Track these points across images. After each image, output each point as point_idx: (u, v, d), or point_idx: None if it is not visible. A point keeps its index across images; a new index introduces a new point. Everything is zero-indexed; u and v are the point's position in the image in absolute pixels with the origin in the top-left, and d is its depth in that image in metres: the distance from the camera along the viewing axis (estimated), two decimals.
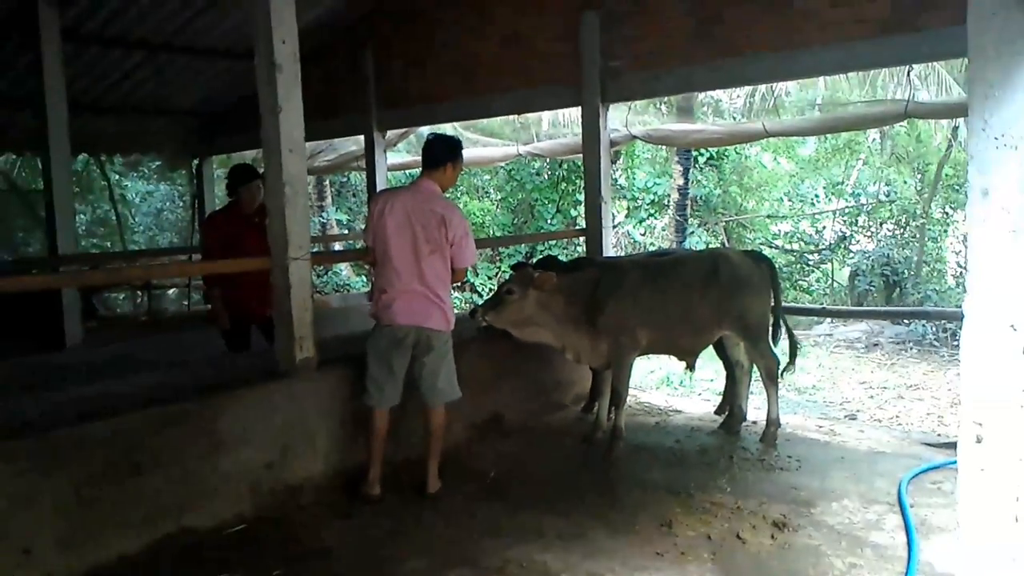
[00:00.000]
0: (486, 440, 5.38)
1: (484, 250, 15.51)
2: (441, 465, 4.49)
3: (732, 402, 5.68)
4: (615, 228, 13.71)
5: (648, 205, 15.45)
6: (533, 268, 5.11)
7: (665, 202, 15.04)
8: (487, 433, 5.46)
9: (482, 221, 16.18)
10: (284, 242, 4.33)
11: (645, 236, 15.50)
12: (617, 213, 15.18)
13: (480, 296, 14.49)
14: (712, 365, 8.06)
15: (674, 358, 5.85)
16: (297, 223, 4.37)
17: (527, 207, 16.20)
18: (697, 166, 15.23)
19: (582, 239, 7.39)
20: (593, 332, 5.06)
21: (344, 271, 15.76)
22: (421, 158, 4.52)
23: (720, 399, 6.11)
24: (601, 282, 5.08)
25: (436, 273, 4.32)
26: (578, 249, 13.22)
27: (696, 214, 15.59)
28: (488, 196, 17.40)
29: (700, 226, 15.68)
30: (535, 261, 5.73)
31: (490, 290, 14.06)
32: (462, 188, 16.69)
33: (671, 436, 5.51)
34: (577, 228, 12.44)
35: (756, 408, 5.82)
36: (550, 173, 15.75)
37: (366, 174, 8.84)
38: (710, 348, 5.64)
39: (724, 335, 5.39)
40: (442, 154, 4.46)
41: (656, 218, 15.53)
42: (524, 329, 5.03)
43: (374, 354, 4.35)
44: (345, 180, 16.94)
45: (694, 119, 13.12)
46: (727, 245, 14.87)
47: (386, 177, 8.68)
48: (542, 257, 6.03)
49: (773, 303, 5.46)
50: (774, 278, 5.51)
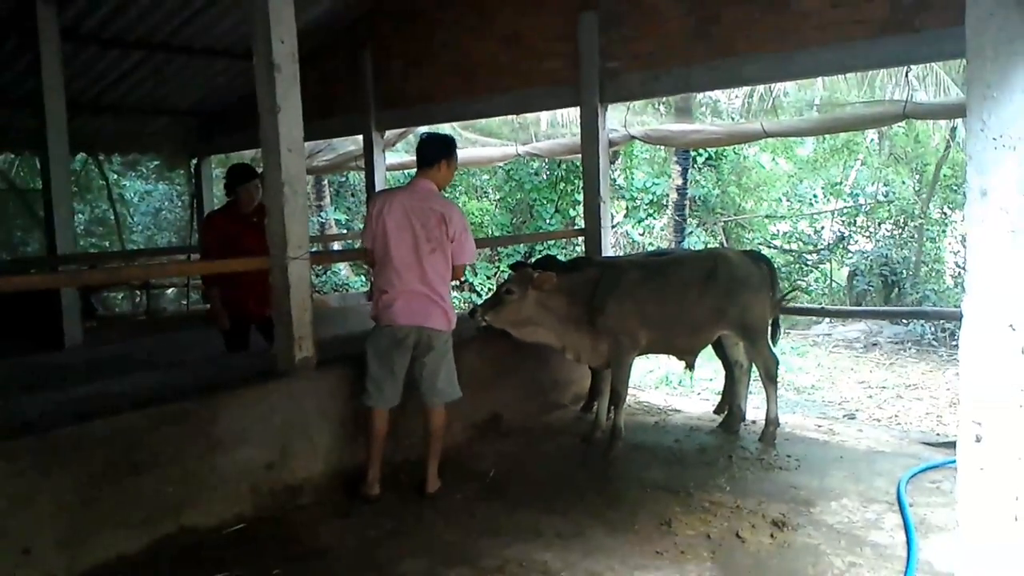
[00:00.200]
0: (485, 440, 5.38)
1: (483, 250, 15.51)
2: (440, 465, 4.50)
3: (731, 401, 5.68)
4: (614, 228, 13.70)
5: (647, 205, 15.45)
6: (532, 268, 5.11)
7: (664, 202, 15.05)
8: (486, 433, 5.47)
9: (481, 221, 16.17)
10: (283, 242, 4.34)
11: (644, 236, 15.49)
12: (616, 213, 15.18)
13: (479, 296, 14.49)
14: (711, 364, 8.07)
15: (673, 358, 5.86)
16: (296, 223, 4.38)
17: (526, 207, 16.19)
18: (696, 166, 15.23)
19: (581, 239, 7.38)
20: (592, 332, 5.07)
21: (343, 271, 15.75)
22: (416, 158, 4.51)
23: (719, 398, 6.12)
24: (600, 282, 5.08)
25: (437, 272, 4.33)
26: (577, 249, 13.21)
27: (695, 214, 15.59)
28: (487, 196, 17.39)
29: (699, 226, 15.69)
30: (534, 261, 5.73)
31: (489, 290, 14.06)
32: (460, 188, 16.69)
33: (670, 435, 5.51)
34: (576, 228, 12.44)
35: (755, 407, 5.83)
36: (549, 173, 15.74)
37: (365, 174, 8.85)
38: (709, 348, 5.65)
39: (723, 335, 5.40)
40: (436, 152, 4.46)
41: (655, 218, 15.53)
42: (523, 329, 5.04)
43: (374, 354, 4.35)
44: (344, 180, 16.93)
45: (692, 119, 13.11)
46: (726, 245, 14.87)
47: (385, 177, 8.69)
48: (541, 257, 6.03)
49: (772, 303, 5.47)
50: (773, 278, 5.52)
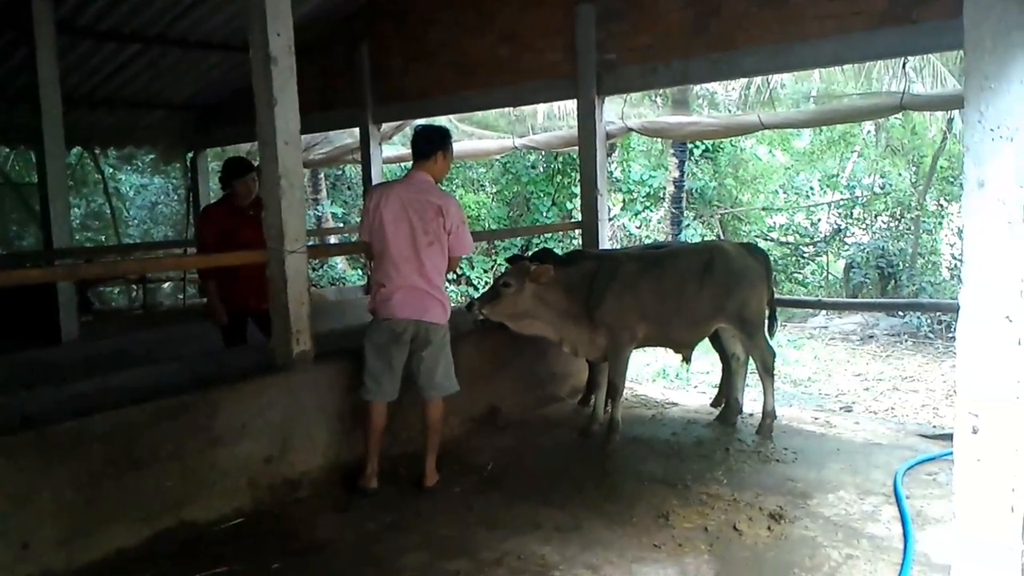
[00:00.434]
0: (483, 433, 5.39)
1: (480, 243, 15.49)
2: (439, 458, 4.51)
3: (728, 394, 5.69)
4: (611, 221, 13.70)
5: (644, 198, 15.45)
6: (529, 261, 5.11)
7: (661, 195, 15.05)
8: (484, 426, 5.48)
9: (478, 214, 16.15)
10: (280, 235, 4.34)
11: (641, 229, 15.50)
12: (613, 206, 15.17)
13: (476, 289, 14.49)
14: (708, 358, 8.07)
15: (670, 351, 5.86)
16: (293, 216, 4.38)
17: (523, 200, 16.18)
18: (693, 159, 15.22)
19: (578, 232, 7.38)
20: (590, 325, 5.07)
21: (340, 264, 15.75)
22: (412, 151, 4.50)
23: (716, 391, 6.13)
24: (598, 275, 5.08)
25: (435, 265, 4.34)
26: (574, 242, 13.22)
27: (692, 207, 15.58)
28: (483, 189, 17.38)
29: (696, 219, 15.68)
30: (531, 254, 5.73)
31: (486, 283, 14.07)
32: (457, 181, 16.67)
33: (667, 428, 5.52)
34: (573, 221, 12.49)
35: (752, 400, 5.84)
36: (546, 166, 15.73)
37: (361, 167, 8.83)
38: (706, 341, 5.66)
39: (720, 327, 5.40)
40: (431, 144, 4.45)
41: (652, 211, 15.53)
42: (521, 322, 5.04)
43: (372, 348, 4.35)
44: (340, 173, 16.90)
45: (689, 111, 13.11)
46: (723, 238, 14.86)
47: (381, 170, 8.67)
48: (538, 250, 6.03)
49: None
50: (768, 271, 5.53)
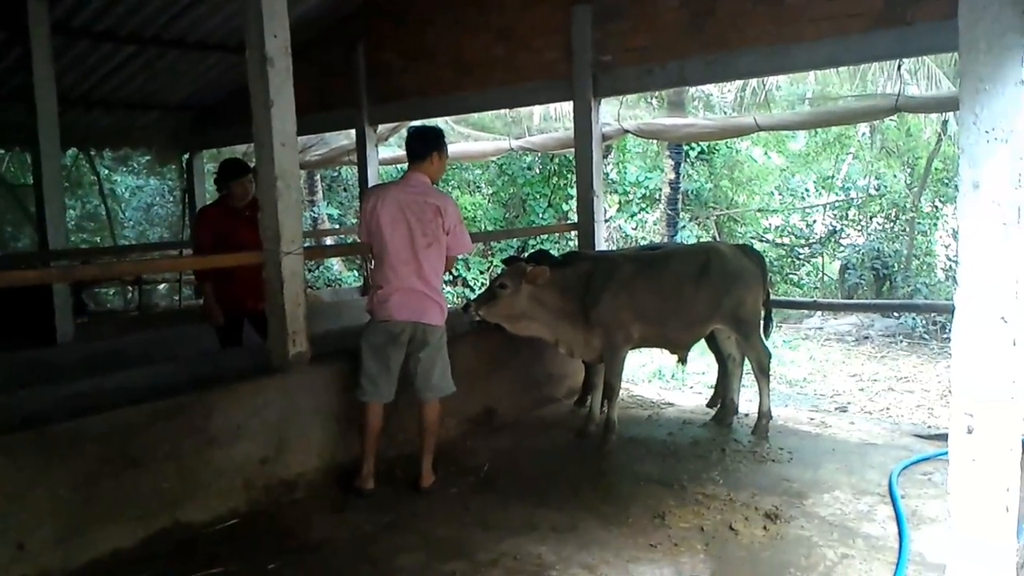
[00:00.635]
0: (479, 434, 5.39)
1: (476, 244, 15.45)
2: (435, 459, 4.50)
3: (724, 395, 5.70)
4: (607, 222, 13.71)
5: (639, 199, 15.46)
6: (526, 262, 5.12)
7: (656, 196, 15.06)
8: (480, 427, 5.48)
9: (474, 215, 16.15)
10: (276, 236, 4.34)
11: (636, 230, 15.51)
12: (609, 207, 15.18)
13: (472, 291, 14.49)
14: (704, 358, 8.08)
15: (666, 351, 5.87)
16: (289, 217, 4.37)
17: (519, 201, 16.19)
18: (688, 160, 15.24)
19: (574, 233, 7.38)
20: (586, 326, 5.08)
21: (336, 266, 15.73)
22: (406, 154, 4.50)
23: (712, 392, 6.14)
24: (594, 276, 5.09)
25: (433, 266, 4.35)
26: (570, 243, 13.23)
27: (687, 208, 15.60)
28: (479, 190, 17.38)
29: (691, 220, 15.70)
30: (527, 255, 5.74)
31: (482, 284, 14.07)
32: (453, 182, 16.67)
33: (663, 429, 5.53)
34: (569, 222, 12.46)
35: (748, 400, 5.85)
36: (542, 167, 15.74)
37: (358, 168, 8.83)
38: (701, 341, 5.67)
39: (716, 328, 5.41)
40: (426, 145, 4.46)
41: (647, 212, 15.55)
42: (517, 323, 5.04)
43: (369, 349, 4.35)
44: (336, 175, 16.89)
45: (685, 113, 13.13)
46: (718, 239, 14.89)
47: (378, 172, 8.67)
48: (534, 251, 6.04)
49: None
50: (764, 272, 5.54)
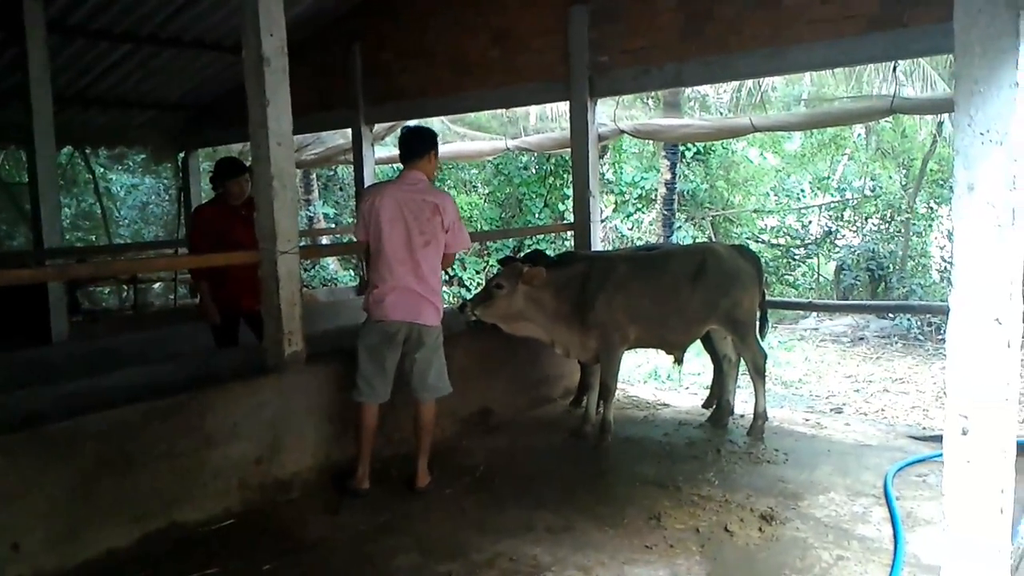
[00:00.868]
0: (475, 435, 5.39)
1: (472, 244, 15.43)
2: (430, 460, 4.50)
3: (720, 396, 5.70)
4: (603, 222, 13.75)
5: (635, 200, 15.47)
6: (522, 263, 5.12)
7: (652, 197, 15.07)
8: (476, 427, 5.48)
9: (470, 215, 16.14)
10: (272, 236, 4.33)
11: (632, 230, 15.53)
12: (605, 207, 15.19)
13: (468, 290, 14.49)
14: (699, 359, 8.09)
15: (662, 352, 5.88)
16: (285, 216, 4.37)
17: (515, 201, 16.19)
18: (684, 161, 15.26)
19: (570, 233, 7.39)
20: (582, 327, 5.08)
21: (332, 265, 15.72)
22: (401, 152, 4.49)
23: (708, 393, 6.14)
24: (590, 277, 5.09)
25: (431, 265, 4.35)
26: (566, 243, 13.23)
27: (683, 209, 15.62)
28: (476, 190, 17.38)
29: (687, 221, 15.72)
30: (523, 255, 5.74)
31: (478, 284, 14.07)
32: (449, 182, 16.67)
33: (659, 430, 5.53)
34: (565, 222, 12.47)
35: (743, 402, 5.86)
36: (538, 167, 15.75)
37: (354, 168, 8.83)
38: (697, 342, 5.67)
39: (712, 329, 5.42)
40: (424, 144, 4.48)
41: (643, 212, 15.56)
42: (513, 323, 5.04)
43: (365, 350, 4.35)
44: (332, 174, 16.88)
45: (681, 114, 13.15)
46: (714, 240, 14.91)
47: (374, 171, 8.67)
48: (530, 251, 6.04)
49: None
50: (760, 273, 5.55)
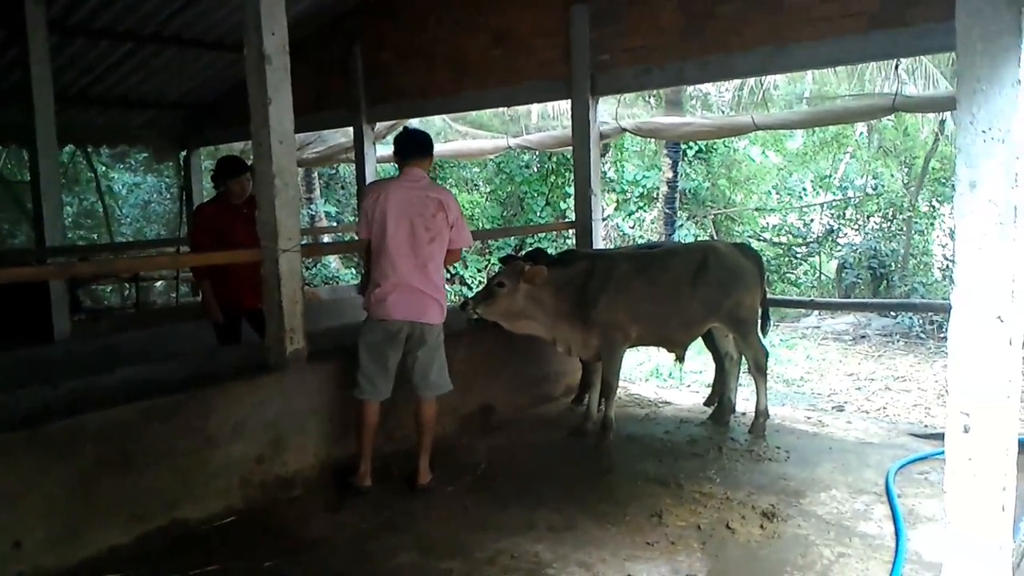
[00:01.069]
0: (476, 432, 5.39)
1: (474, 243, 15.46)
2: (432, 457, 4.50)
3: (722, 393, 5.71)
4: (604, 221, 13.72)
5: (637, 198, 15.46)
6: (523, 261, 5.12)
7: (654, 195, 15.06)
8: (478, 425, 5.48)
9: (471, 214, 16.13)
10: (274, 234, 4.33)
11: (634, 229, 15.51)
12: (606, 206, 15.18)
13: (470, 289, 14.50)
14: (701, 357, 8.09)
15: (664, 350, 5.88)
16: (287, 215, 4.37)
17: (516, 200, 16.18)
18: (686, 159, 15.24)
19: (572, 232, 7.39)
20: (584, 325, 5.08)
21: (333, 263, 15.72)
22: (402, 151, 4.47)
23: (709, 391, 6.14)
24: (592, 275, 5.09)
25: (436, 263, 4.37)
26: (568, 242, 13.23)
27: (685, 207, 15.61)
28: (477, 189, 17.38)
29: (689, 219, 15.71)
30: (524, 254, 5.74)
31: (479, 283, 14.07)
32: (451, 180, 16.66)
33: (661, 427, 5.53)
34: (566, 221, 12.47)
35: (744, 399, 5.86)
36: (539, 166, 15.73)
37: (355, 166, 8.84)
38: (699, 340, 5.67)
39: (714, 327, 5.42)
40: (425, 145, 4.51)
41: (645, 211, 15.55)
42: (515, 321, 5.05)
43: (367, 348, 4.35)
44: (334, 172, 16.87)
45: (683, 112, 13.14)
46: (716, 238, 14.90)
47: (375, 169, 8.67)
48: (531, 250, 6.04)
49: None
50: (761, 271, 5.55)
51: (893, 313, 12.60)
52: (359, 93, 8.21)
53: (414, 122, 9.48)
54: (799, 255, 16.14)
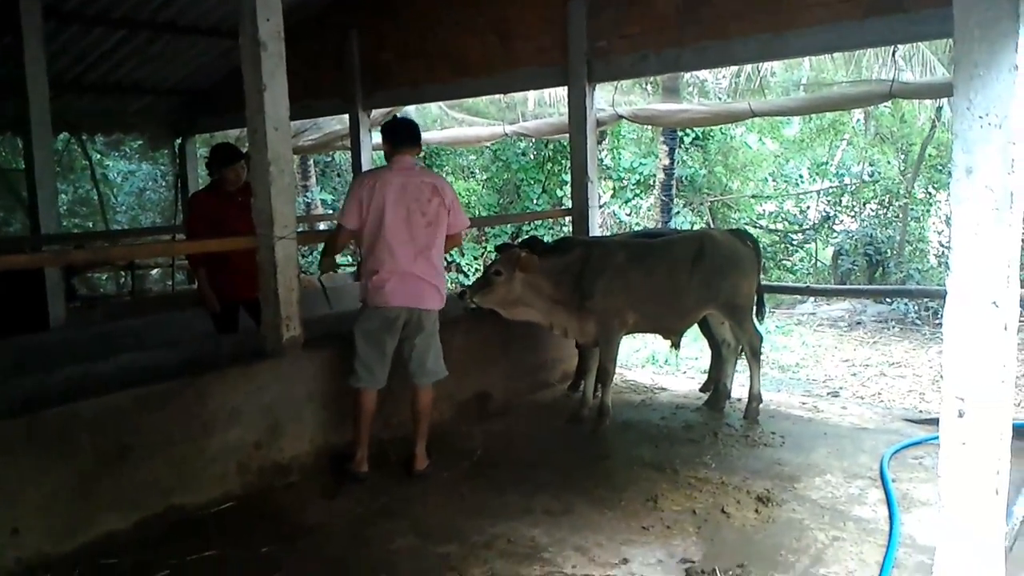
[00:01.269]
0: (473, 419, 5.40)
1: (470, 230, 15.43)
2: (428, 443, 4.52)
3: (717, 380, 5.72)
4: (601, 208, 13.69)
5: (634, 185, 15.45)
6: (520, 248, 5.12)
7: (651, 182, 15.05)
8: (474, 412, 5.49)
9: (468, 201, 16.11)
10: (270, 221, 4.32)
11: (631, 216, 15.51)
12: (603, 193, 15.17)
13: (466, 277, 14.50)
14: (697, 344, 8.11)
15: (660, 336, 5.89)
16: (282, 202, 4.36)
17: (513, 187, 16.17)
18: (683, 146, 15.23)
19: (568, 219, 7.39)
20: (580, 312, 5.08)
21: None
22: (393, 139, 4.44)
23: (705, 377, 6.16)
24: (588, 263, 5.09)
25: (437, 249, 4.39)
26: (564, 229, 13.22)
27: (681, 194, 15.61)
28: (474, 176, 17.35)
29: (685, 206, 15.71)
30: (519, 242, 5.74)
31: (476, 270, 14.08)
32: (447, 168, 16.63)
33: (657, 413, 5.55)
34: (563, 208, 12.46)
35: (740, 386, 5.88)
36: (536, 153, 15.71)
37: (351, 154, 8.80)
38: (695, 327, 5.68)
39: (710, 314, 5.43)
40: (416, 133, 4.54)
41: (642, 198, 15.54)
42: (512, 309, 5.05)
43: (364, 336, 4.34)
44: (330, 160, 16.83)
45: (680, 99, 13.11)
46: (712, 225, 14.90)
47: (371, 157, 8.64)
48: (526, 238, 6.04)
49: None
50: (759, 258, 5.56)
51: (888, 299, 12.63)
52: (355, 80, 8.18)
53: (410, 109, 9.45)
54: (795, 242, 16.17)
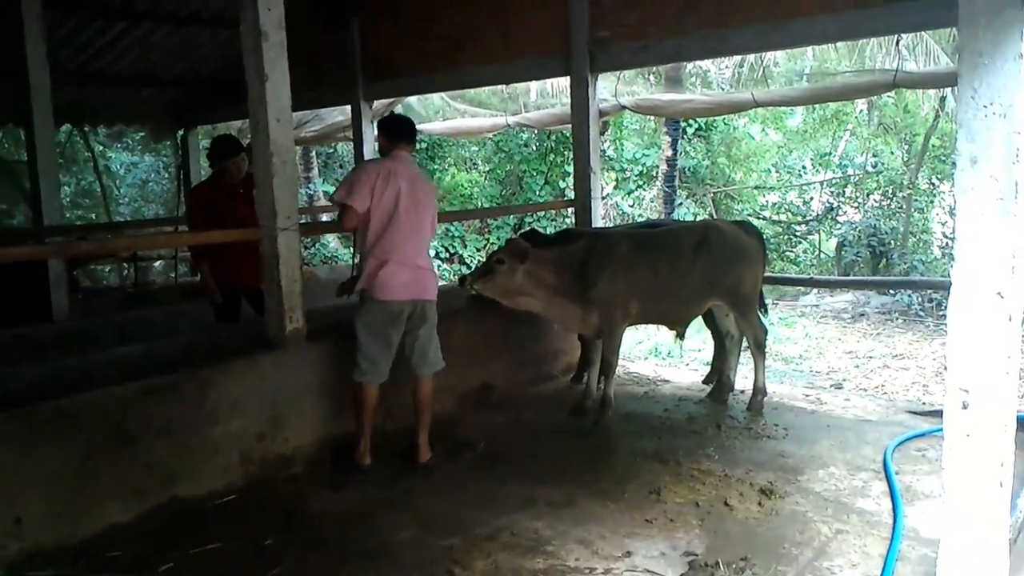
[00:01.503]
0: (476, 410, 5.40)
1: (472, 222, 15.48)
2: (431, 435, 4.52)
3: (720, 372, 5.71)
4: (604, 199, 13.69)
5: (636, 176, 15.43)
6: (524, 238, 5.11)
7: (653, 173, 15.03)
8: (477, 403, 5.49)
9: (470, 192, 16.12)
10: (272, 213, 4.32)
11: (633, 207, 15.49)
12: (606, 184, 15.16)
13: (468, 268, 14.49)
14: (700, 335, 8.10)
15: (663, 328, 5.88)
16: (285, 193, 4.36)
17: (515, 178, 16.14)
18: (685, 137, 15.20)
19: (571, 210, 7.37)
20: (583, 302, 5.07)
21: (332, 243, 15.70)
22: (391, 134, 4.44)
23: (708, 369, 6.15)
24: (592, 254, 5.08)
25: (428, 240, 4.48)
26: (567, 220, 13.21)
27: (684, 185, 15.57)
28: (476, 167, 17.32)
29: (688, 197, 15.68)
30: (519, 234, 5.72)
31: (478, 262, 14.06)
32: (449, 160, 16.61)
33: (660, 405, 5.55)
34: (566, 199, 12.43)
35: (743, 378, 5.87)
36: (538, 144, 15.68)
37: (353, 145, 8.78)
38: (698, 319, 5.67)
39: (714, 305, 5.42)
40: (413, 130, 4.59)
41: (644, 189, 15.52)
42: (514, 298, 5.03)
43: (368, 330, 4.31)
44: (332, 151, 16.82)
45: (683, 89, 13.07)
46: (715, 216, 14.88)
47: (373, 147, 8.62)
48: (525, 231, 6.03)
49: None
50: (763, 249, 5.54)
51: (892, 291, 12.61)
52: (356, 71, 8.14)
53: (412, 100, 9.42)
54: (798, 233, 16.13)
